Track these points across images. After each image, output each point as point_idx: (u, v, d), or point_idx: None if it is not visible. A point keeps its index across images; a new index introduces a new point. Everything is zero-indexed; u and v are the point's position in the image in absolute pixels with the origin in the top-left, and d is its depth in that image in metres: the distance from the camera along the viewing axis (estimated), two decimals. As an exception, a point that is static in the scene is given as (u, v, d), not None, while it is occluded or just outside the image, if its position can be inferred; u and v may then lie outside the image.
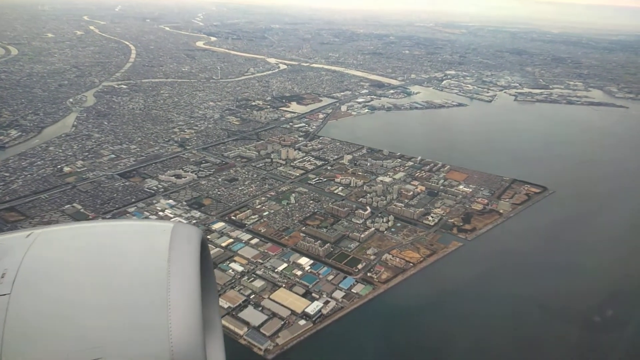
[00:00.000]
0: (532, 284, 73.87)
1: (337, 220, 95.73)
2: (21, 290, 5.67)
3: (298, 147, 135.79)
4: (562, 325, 65.11)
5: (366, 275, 77.54)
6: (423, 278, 76.72)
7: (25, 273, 5.87)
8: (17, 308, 5.52)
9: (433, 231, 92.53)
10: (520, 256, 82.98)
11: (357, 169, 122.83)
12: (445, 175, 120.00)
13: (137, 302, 5.73)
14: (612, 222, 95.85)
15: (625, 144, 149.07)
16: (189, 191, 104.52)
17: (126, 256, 6.34)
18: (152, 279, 5.89)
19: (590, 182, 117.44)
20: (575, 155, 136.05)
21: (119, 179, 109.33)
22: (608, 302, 70.67)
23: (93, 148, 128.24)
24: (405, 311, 69.38)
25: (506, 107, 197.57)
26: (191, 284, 5.91)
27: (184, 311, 5.62)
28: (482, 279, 76.08)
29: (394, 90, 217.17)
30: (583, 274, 77.53)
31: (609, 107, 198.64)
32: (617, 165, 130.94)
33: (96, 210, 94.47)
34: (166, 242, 6.31)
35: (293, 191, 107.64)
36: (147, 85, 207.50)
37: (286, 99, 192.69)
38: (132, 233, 7.02)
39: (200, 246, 6.60)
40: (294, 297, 70.91)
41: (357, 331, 65.26)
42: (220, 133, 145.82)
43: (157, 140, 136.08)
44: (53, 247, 6.54)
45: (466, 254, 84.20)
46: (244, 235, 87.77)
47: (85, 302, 5.67)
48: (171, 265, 5.99)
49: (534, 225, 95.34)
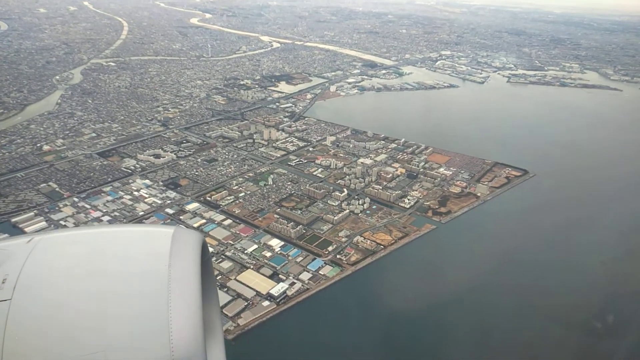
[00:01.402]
0: (498, 267, 74.20)
1: (313, 202, 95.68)
2: (22, 296, 5.73)
3: (282, 127, 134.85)
4: (523, 308, 65.51)
5: (335, 258, 77.88)
6: (392, 260, 77.03)
7: (26, 279, 5.91)
8: (18, 314, 5.58)
9: (408, 214, 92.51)
10: (490, 239, 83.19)
11: (339, 151, 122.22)
12: (427, 158, 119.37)
13: (138, 307, 5.80)
14: (589, 206, 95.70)
15: (613, 128, 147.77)
16: (166, 171, 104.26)
17: (127, 261, 6.38)
18: (153, 284, 5.93)
19: (572, 166, 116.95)
20: (561, 139, 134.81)
21: (98, 158, 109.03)
22: (577, 285, 71.05)
23: (74, 127, 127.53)
24: (370, 293, 69.92)
25: (498, 89, 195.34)
26: (192, 289, 5.96)
27: (184, 316, 5.69)
28: (449, 262, 76.39)
29: (386, 71, 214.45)
30: (551, 257, 77.60)
31: (603, 89, 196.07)
32: (602, 149, 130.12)
33: (71, 190, 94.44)
34: (167, 247, 6.35)
35: (272, 172, 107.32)
36: (135, 63, 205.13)
37: (276, 79, 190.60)
38: (133, 238, 7.04)
39: (201, 251, 6.64)
40: (260, 279, 71.39)
41: (319, 312, 65.91)
42: (205, 112, 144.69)
43: (140, 119, 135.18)
44: (54, 252, 6.57)
45: (438, 236, 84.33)
46: (217, 216, 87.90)
47: (86, 307, 5.72)
48: (172, 270, 6.05)
49: (509, 208, 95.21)
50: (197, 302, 5.84)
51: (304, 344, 59.95)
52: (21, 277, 5.92)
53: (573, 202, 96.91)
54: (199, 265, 6.33)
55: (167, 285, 5.85)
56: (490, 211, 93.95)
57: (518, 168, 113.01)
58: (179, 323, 5.59)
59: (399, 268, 75.19)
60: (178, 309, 5.67)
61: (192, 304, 5.80)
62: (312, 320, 64.58)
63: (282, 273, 73.19)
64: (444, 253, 79.41)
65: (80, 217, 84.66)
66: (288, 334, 62.05)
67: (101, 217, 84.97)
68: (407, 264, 76.19)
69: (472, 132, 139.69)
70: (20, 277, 5.91)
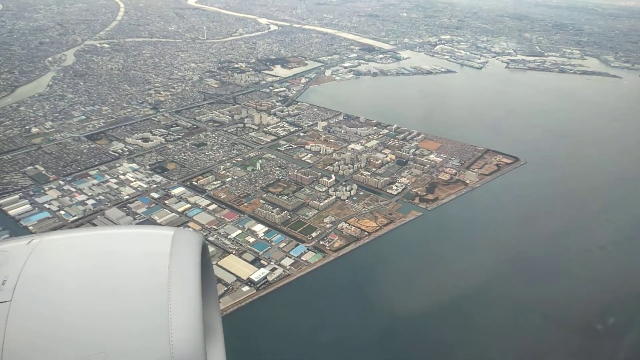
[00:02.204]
0: (479, 254, 74.20)
1: (300, 187, 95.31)
2: (22, 298, 5.75)
3: (273, 112, 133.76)
4: (503, 294, 65.56)
5: (319, 244, 77.82)
6: (375, 247, 76.99)
7: (26, 280, 5.94)
8: (18, 315, 5.60)
9: (395, 200, 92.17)
10: (474, 227, 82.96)
11: (330, 136, 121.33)
12: (418, 144, 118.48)
13: (138, 308, 5.83)
14: (577, 194, 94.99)
15: (608, 116, 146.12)
16: (154, 155, 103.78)
17: (127, 263, 6.40)
18: (153, 285, 5.95)
19: (564, 154, 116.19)
20: (555, 126, 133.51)
21: (86, 141, 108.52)
22: (558, 273, 70.99)
23: (64, 109, 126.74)
24: (350, 279, 70.11)
25: (495, 75, 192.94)
26: (192, 290, 5.98)
27: (184, 317, 5.70)
28: (430, 249, 76.35)
29: (383, 55, 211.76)
30: (533, 244, 77.44)
31: (602, 76, 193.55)
32: (596, 138, 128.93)
33: (58, 173, 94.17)
34: (167, 248, 6.37)
35: (260, 157, 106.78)
36: (130, 44, 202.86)
37: (271, 62, 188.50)
38: (133, 239, 7.05)
39: (201, 252, 6.66)
40: (242, 264, 71.47)
41: (298, 298, 66.09)
42: (197, 96, 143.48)
43: (131, 102, 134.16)
44: (53, 254, 6.58)
45: (422, 224, 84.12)
46: (202, 200, 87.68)
47: (86, 308, 5.75)
48: (172, 271, 6.07)
49: (497, 196, 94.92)
50: (197, 303, 5.87)
51: (281, 329, 60.22)
52: (21, 279, 5.93)
53: (561, 190, 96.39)
54: (199, 266, 6.34)
55: (167, 286, 5.88)
56: (477, 199, 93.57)
57: (509, 155, 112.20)
58: (179, 324, 5.62)
59: (381, 255, 75.20)
60: (178, 310, 5.72)
61: (192, 305, 5.83)
62: (290, 305, 64.77)
63: (264, 259, 73.25)
64: (426, 240, 79.34)
65: (64, 201, 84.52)
66: (266, 319, 62.32)
67: (86, 201, 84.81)
68: (389, 251, 76.20)
69: (466, 119, 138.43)
70: (20, 279, 5.93)
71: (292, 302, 65.34)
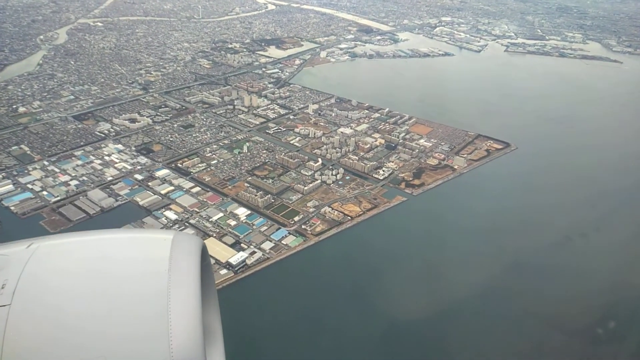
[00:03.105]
0: (459, 240, 74.13)
1: (286, 171, 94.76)
2: (21, 301, 5.75)
3: (264, 94, 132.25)
4: (479, 280, 65.48)
5: (300, 228, 77.66)
6: (356, 232, 76.81)
7: (26, 284, 5.94)
8: (18, 319, 5.60)
9: (380, 185, 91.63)
10: (457, 213, 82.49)
11: (320, 120, 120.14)
12: (409, 129, 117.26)
13: (138, 312, 5.84)
14: (564, 181, 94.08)
15: (605, 101, 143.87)
16: (140, 136, 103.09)
17: (127, 267, 6.40)
18: (152, 289, 5.96)
19: (556, 140, 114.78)
20: (550, 111, 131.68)
21: (73, 122, 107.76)
22: (538, 259, 70.82)
23: (53, 88, 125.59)
24: (329, 263, 70.06)
25: (494, 58, 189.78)
26: (192, 294, 6.00)
27: (184, 321, 5.73)
28: (411, 235, 76.18)
29: (380, 37, 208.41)
30: (514, 232, 77.12)
31: (603, 61, 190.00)
32: (591, 124, 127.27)
33: (43, 153, 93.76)
34: (166, 252, 6.37)
35: (248, 140, 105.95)
36: (124, 23, 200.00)
37: (266, 43, 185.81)
38: (133, 243, 7.07)
39: (201, 255, 6.68)
40: (221, 247, 71.51)
41: (276, 282, 66.19)
42: (188, 76, 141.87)
43: (120, 82, 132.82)
44: (53, 258, 6.56)
45: (406, 209, 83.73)
46: (186, 183, 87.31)
47: (86, 312, 5.75)
48: (172, 275, 6.07)
49: (483, 182, 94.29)
50: (197, 306, 5.88)
51: (256, 312, 60.37)
52: (20, 282, 5.93)
53: (548, 177, 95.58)
54: (198, 269, 6.34)
55: (167, 290, 5.89)
56: (464, 184, 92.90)
57: (500, 141, 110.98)
58: (179, 328, 5.64)
59: (361, 240, 75.03)
60: (178, 314, 5.73)
61: (192, 309, 5.84)
62: (267, 289, 64.87)
63: (245, 242, 73.20)
64: (408, 226, 79.09)
65: (48, 181, 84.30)
66: (242, 302, 62.42)
67: (69, 182, 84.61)
68: (370, 236, 75.94)
69: (460, 103, 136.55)
70: (20, 283, 5.93)
71: (269, 285, 65.44)
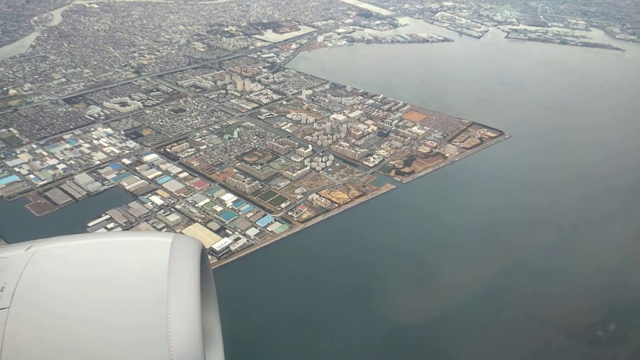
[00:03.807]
0: (446, 229, 73.89)
1: (276, 157, 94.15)
2: (20, 305, 5.74)
3: (258, 79, 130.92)
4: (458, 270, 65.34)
5: (287, 214, 77.40)
6: (343, 219, 76.53)
7: (25, 287, 5.91)
8: (16, 322, 5.58)
9: (370, 173, 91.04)
10: (445, 202, 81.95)
11: (313, 105, 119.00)
12: (403, 116, 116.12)
13: (137, 315, 5.82)
14: (556, 169, 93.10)
15: (604, 90, 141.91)
16: (130, 120, 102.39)
17: (126, 269, 6.38)
18: (152, 292, 5.94)
19: (551, 128, 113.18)
20: (547, 100, 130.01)
21: (63, 105, 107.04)
22: (521, 247, 70.59)
23: (45, 71, 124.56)
24: (314, 251, 69.84)
25: (494, 45, 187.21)
26: (191, 297, 5.98)
27: (183, 324, 5.70)
28: (398, 223, 75.76)
29: (380, 21, 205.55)
30: (501, 221, 76.67)
31: (604, 49, 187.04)
32: (587, 112, 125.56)
33: (32, 136, 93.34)
34: (166, 255, 6.33)
35: (239, 125, 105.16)
36: (120, 5, 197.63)
37: (263, 26, 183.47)
38: (132, 246, 7.03)
39: (200, 257, 6.65)
40: (206, 233, 71.32)
41: (260, 268, 66.17)
42: (181, 60, 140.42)
43: (113, 65, 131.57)
44: (52, 261, 6.53)
45: (394, 197, 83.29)
46: (174, 168, 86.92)
47: (85, 316, 5.72)
48: (171, 278, 6.05)
49: (474, 170, 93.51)
50: (196, 310, 5.86)
51: (237, 298, 60.43)
52: (19, 285, 5.91)
53: (540, 166, 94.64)
54: (198, 272, 6.31)
55: (166, 294, 5.86)
56: (454, 173, 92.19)
57: (494, 129, 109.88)
58: (178, 332, 5.61)
59: (347, 227, 74.75)
60: (177, 318, 5.70)
61: (191, 313, 5.81)
62: (251, 275, 64.80)
63: (230, 228, 73.06)
64: (394, 214, 78.62)
65: (35, 165, 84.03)
66: (223, 288, 62.34)
67: (56, 165, 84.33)
68: (356, 224, 75.63)
69: (456, 90, 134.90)
70: (19, 285, 5.91)
71: (252, 272, 65.38)
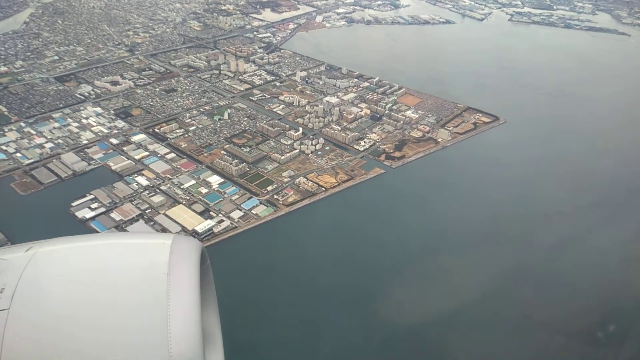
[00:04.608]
0: (430, 216, 73.46)
1: (265, 140, 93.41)
2: (20, 306, 5.72)
3: (252, 59, 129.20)
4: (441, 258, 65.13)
5: (272, 198, 77.10)
6: (329, 203, 76.21)
7: (24, 289, 5.89)
8: (16, 323, 5.57)
9: (360, 157, 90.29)
10: (433, 188, 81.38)
11: (307, 87, 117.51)
12: (398, 99, 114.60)
13: (138, 317, 5.83)
14: (548, 158, 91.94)
15: (605, 76, 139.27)
16: (120, 100, 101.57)
17: (126, 271, 6.36)
18: (152, 293, 5.92)
19: (548, 114, 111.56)
20: (546, 85, 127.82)
21: (54, 83, 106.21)
22: (511, 234, 70.15)
23: (38, 48, 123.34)
24: (297, 234, 69.72)
25: (496, 28, 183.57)
26: (191, 298, 5.97)
27: (184, 326, 5.70)
28: (384, 209, 75.28)
29: (381, 2, 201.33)
30: (489, 208, 76.06)
31: (610, 33, 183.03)
32: (587, 99, 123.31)
33: (21, 114, 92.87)
34: (166, 256, 6.32)
35: (230, 106, 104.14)
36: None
37: (261, 5, 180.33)
38: (132, 248, 7.02)
39: (200, 258, 6.65)
40: (189, 214, 71.26)
41: (241, 251, 66.17)
42: (176, 39, 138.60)
43: (107, 44, 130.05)
44: (52, 262, 6.52)
45: (383, 182, 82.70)
46: (161, 149, 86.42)
47: (85, 317, 5.72)
48: (171, 279, 6.03)
49: (465, 157, 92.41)
50: (196, 311, 5.85)
51: (217, 280, 60.54)
52: (19, 287, 5.90)
53: (533, 153, 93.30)
54: (198, 274, 6.31)
55: (166, 295, 5.86)
56: (445, 158, 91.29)
57: (489, 114, 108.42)
58: (179, 334, 5.61)
59: (333, 211, 74.48)
60: (177, 319, 5.70)
61: (191, 314, 5.81)
62: (232, 258, 64.80)
63: (214, 210, 72.89)
64: (381, 199, 78.08)
65: (22, 143, 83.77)
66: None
67: (44, 144, 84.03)
68: (341, 208, 75.29)
69: (454, 74, 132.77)
70: (19, 287, 5.90)
71: (234, 254, 65.37)
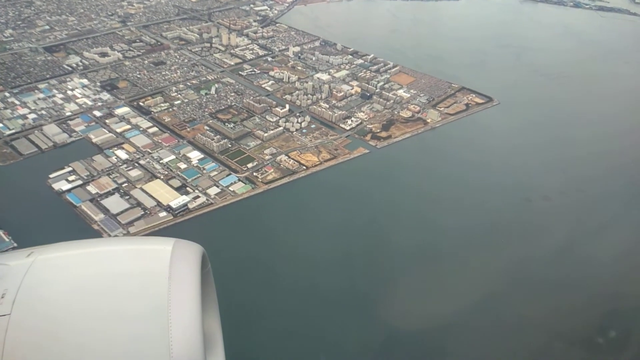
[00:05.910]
0: (409, 199, 72.66)
1: (251, 116, 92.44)
2: (21, 311, 5.71)
3: (246, 33, 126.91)
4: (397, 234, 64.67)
5: (252, 175, 76.69)
6: (308, 182, 75.65)
7: (25, 294, 5.88)
8: (17, 328, 5.55)
9: (345, 136, 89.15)
10: (416, 170, 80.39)
11: (299, 63, 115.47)
12: (391, 78, 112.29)
13: (138, 322, 5.80)
14: (537, 142, 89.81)
15: (609, 59, 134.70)
16: (108, 71, 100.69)
17: (127, 278, 6.34)
18: (153, 299, 5.92)
19: (543, 96, 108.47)
20: (546, 66, 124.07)
21: (43, 53, 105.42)
22: (485, 220, 69.34)
23: (29, 17, 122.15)
24: (272, 212, 69.49)
25: (503, 5, 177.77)
26: (192, 304, 5.96)
27: (185, 332, 5.67)
28: (364, 189, 74.54)
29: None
30: (469, 192, 74.91)
31: (621, 13, 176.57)
32: (585, 81, 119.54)
33: (6, 84, 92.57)
34: (166, 262, 6.31)
35: (218, 81, 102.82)
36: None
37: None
38: (133, 252, 7.01)
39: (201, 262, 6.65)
40: (165, 190, 71.20)
41: (215, 227, 66.24)
42: (170, 10, 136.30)
43: (100, 14, 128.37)
44: (53, 268, 6.50)
45: (365, 162, 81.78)
46: (144, 123, 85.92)
47: (86, 324, 5.70)
48: (172, 285, 6.02)
49: (452, 138, 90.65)
50: (197, 317, 5.83)
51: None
52: (20, 292, 5.88)
53: (523, 136, 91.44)
54: (199, 279, 6.29)
55: (167, 301, 5.83)
56: (431, 139, 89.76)
57: (483, 95, 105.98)
58: (180, 340, 5.58)
59: (311, 190, 74.00)
60: (178, 325, 5.67)
61: (192, 320, 5.79)
62: (203, 234, 64.86)
63: (191, 186, 72.73)
64: (362, 179, 77.23)
65: (5, 114, 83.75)
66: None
67: (27, 115, 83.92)
68: (320, 187, 74.74)
69: (453, 52, 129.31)
70: (20, 292, 5.88)
71: (206, 230, 65.45)
